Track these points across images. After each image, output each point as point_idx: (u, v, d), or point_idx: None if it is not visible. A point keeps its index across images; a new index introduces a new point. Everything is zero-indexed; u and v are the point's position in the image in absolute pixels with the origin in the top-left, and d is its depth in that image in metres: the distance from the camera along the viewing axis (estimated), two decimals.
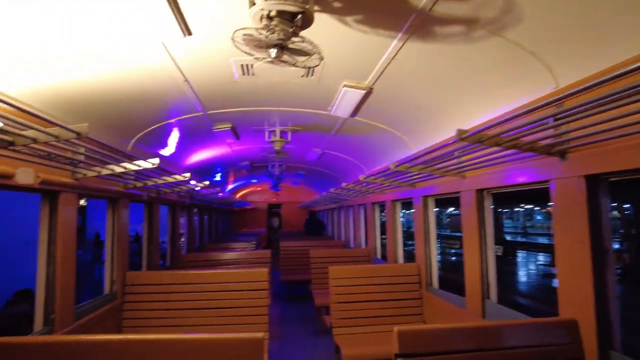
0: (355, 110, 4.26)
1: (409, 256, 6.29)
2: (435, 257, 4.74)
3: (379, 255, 7.14)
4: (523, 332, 2.28)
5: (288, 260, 9.17)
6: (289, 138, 5.57)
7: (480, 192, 3.53)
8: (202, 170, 7.73)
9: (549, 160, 2.56)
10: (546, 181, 2.65)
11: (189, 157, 6.36)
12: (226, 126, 5.12)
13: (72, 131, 1.99)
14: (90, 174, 3.19)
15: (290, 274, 8.87)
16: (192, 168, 6.95)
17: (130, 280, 4.30)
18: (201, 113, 4.37)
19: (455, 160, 3.51)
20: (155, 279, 4.42)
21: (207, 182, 5.55)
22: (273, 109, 4.58)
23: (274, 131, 5.46)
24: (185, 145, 5.72)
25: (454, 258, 19.07)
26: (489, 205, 3.56)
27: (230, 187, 13.12)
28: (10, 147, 2.06)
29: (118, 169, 3.22)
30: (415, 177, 4.56)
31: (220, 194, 9.28)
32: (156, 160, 3.29)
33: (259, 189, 18.25)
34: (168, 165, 5.59)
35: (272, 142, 5.51)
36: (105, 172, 3.21)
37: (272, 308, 7.35)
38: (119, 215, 4.23)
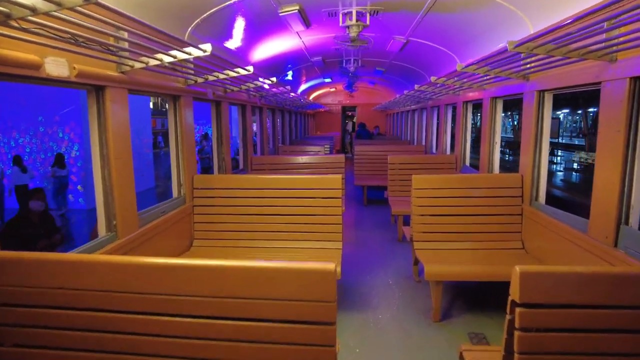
0: None
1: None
2: (545, 168, 3.86)
3: (467, 163, 6.32)
4: None
5: (363, 164, 8.72)
6: (368, 22, 4.62)
7: (638, 80, 2.50)
8: (272, 68, 7.13)
9: None
10: None
11: (255, 51, 5.73)
12: (293, 8, 4.33)
13: None
14: (138, 65, 2.75)
15: (365, 178, 8.48)
16: (260, 65, 6.36)
17: (199, 183, 4.13)
18: None
19: (603, 36, 2.48)
20: (223, 183, 4.20)
21: (274, 79, 4.96)
22: None
23: (349, 13, 4.53)
24: (250, 37, 5.07)
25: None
26: None
27: (302, 87, 12.49)
28: (11, 22, 1.61)
29: (167, 58, 2.73)
30: (531, 65, 3.52)
31: (292, 94, 8.74)
32: (208, 47, 2.73)
33: (332, 90, 17.38)
34: (234, 61, 5.05)
35: (348, 27, 4.62)
36: (153, 62, 2.75)
37: (346, 212, 7.19)
38: (182, 114, 3.89)
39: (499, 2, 3.61)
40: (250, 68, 3.90)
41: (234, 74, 3.93)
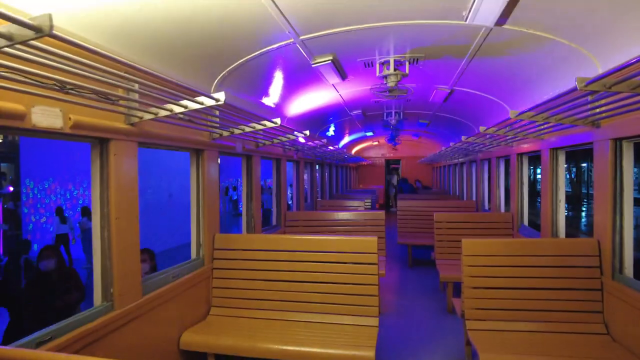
0: (506, 12, 2.82)
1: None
2: (630, 232, 3.14)
3: (525, 222, 5.55)
4: None
5: (407, 221, 8.09)
6: (407, 71, 4.30)
7: None
8: (311, 122, 6.96)
9: None
10: None
11: (291, 105, 5.58)
12: (326, 59, 4.11)
13: (28, 26, 1.21)
14: (147, 116, 2.54)
15: (410, 237, 7.79)
16: (297, 119, 6.20)
17: (221, 243, 3.78)
18: (292, 40, 3.43)
19: None
20: (248, 243, 3.83)
21: (307, 132, 4.69)
22: (384, 25, 3.37)
23: (387, 62, 4.26)
24: (284, 90, 4.92)
25: None
26: None
27: (345, 141, 12.33)
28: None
29: (177, 109, 2.51)
30: (601, 110, 2.97)
31: (330, 147, 8.49)
32: (221, 96, 2.48)
33: (375, 143, 17.12)
34: (270, 115, 4.87)
35: (385, 77, 4.33)
36: (163, 113, 2.53)
37: (388, 275, 6.49)
38: (205, 168, 3.66)
39: (556, 40, 3.15)
40: (278, 120, 3.64)
41: (261, 127, 3.69)
